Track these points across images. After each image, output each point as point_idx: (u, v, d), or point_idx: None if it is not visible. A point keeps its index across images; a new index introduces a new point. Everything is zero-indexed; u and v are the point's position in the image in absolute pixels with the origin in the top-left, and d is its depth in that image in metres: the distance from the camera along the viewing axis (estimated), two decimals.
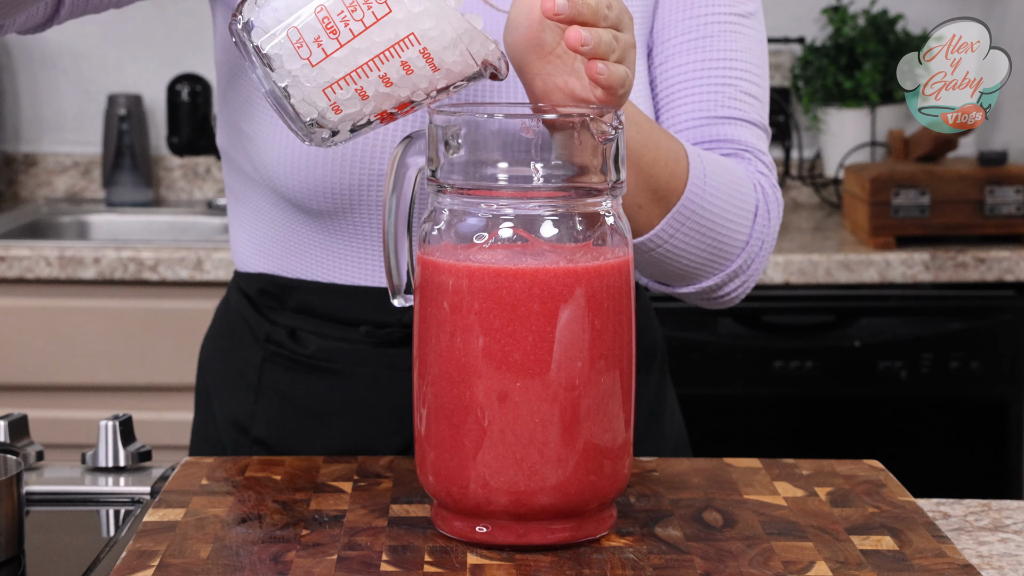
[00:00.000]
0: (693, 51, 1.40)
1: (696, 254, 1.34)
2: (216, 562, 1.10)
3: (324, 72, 1.10)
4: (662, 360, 1.56)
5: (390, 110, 1.12)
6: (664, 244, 1.31)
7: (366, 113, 1.12)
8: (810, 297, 2.73)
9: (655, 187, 1.28)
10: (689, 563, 1.09)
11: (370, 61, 1.10)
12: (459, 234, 1.10)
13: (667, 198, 1.30)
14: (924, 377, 2.71)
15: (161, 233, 3.13)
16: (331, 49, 1.10)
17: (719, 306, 1.42)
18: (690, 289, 1.38)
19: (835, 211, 3.16)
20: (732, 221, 1.34)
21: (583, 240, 1.10)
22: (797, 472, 1.30)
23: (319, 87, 1.10)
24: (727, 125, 1.39)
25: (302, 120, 1.12)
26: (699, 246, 1.33)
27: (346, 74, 1.10)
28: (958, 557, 1.11)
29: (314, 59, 1.10)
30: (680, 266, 1.34)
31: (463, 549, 1.13)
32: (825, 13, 3.22)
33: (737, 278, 1.38)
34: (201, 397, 1.52)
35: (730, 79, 1.40)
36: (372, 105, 1.12)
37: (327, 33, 1.09)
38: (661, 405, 1.53)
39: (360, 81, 1.10)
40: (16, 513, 1.18)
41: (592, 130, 1.09)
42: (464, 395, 1.10)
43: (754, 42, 1.42)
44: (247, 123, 1.40)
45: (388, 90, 1.11)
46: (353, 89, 1.11)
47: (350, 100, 1.11)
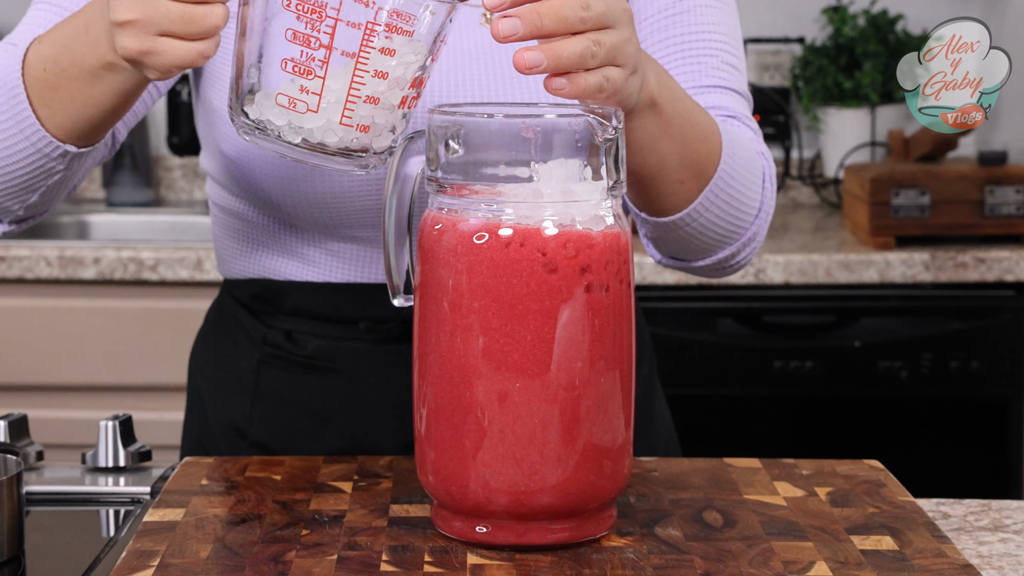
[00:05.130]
0: (671, 26, 1.39)
1: (722, 226, 1.34)
2: (216, 562, 1.10)
3: (329, 109, 1.11)
4: (650, 358, 1.56)
5: (406, 92, 1.12)
6: (698, 219, 1.31)
7: (390, 111, 1.12)
8: (810, 297, 2.73)
9: (696, 162, 1.28)
10: (689, 563, 1.09)
11: (355, 72, 1.10)
12: (459, 234, 1.10)
13: (705, 172, 1.30)
14: (924, 377, 2.71)
15: (161, 233, 3.13)
16: (317, 87, 1.10)
17: (726, 275, 1.43)
18: (707, 261, 1.39)
19: (835, 211, 3.16)
20: (750, 190, 1.35)
21: (583, 240, 1.09)
22: (797, 472, 1.30)
23: (336, 124, 1.11)
24: (714, 93, 1.39)
25: (352, 157, 1.12)
26: (725, 218, 1.33)
27: (346, 97, 1.11)
28: (958, 557, 1.11)
29: (312, 105, 1.10)
30: (706, 239, 1.35)
31: (463, 549, 1.13)
32: (825, 13, 3.22)
33: (749, 245, 1.39)
34: (193, 401, 1.52)
35: (710, 51, 1.40)
36: (388, 102, 1.12)
37: (304, 78, 1.10)
38: (650, 404, 1.52)
39: (362, 92, 1.10)
40: (16, 513, 1.18)
41: (592, 130, 1.09)
42: (464, 395, 1.10)
43: (728, 16, 1.43)
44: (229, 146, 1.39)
45: (389, 81, 1.11)
46: (362, 103, 1.11)
47: (368, 113, 1.11)
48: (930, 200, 2.77)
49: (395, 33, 1.10)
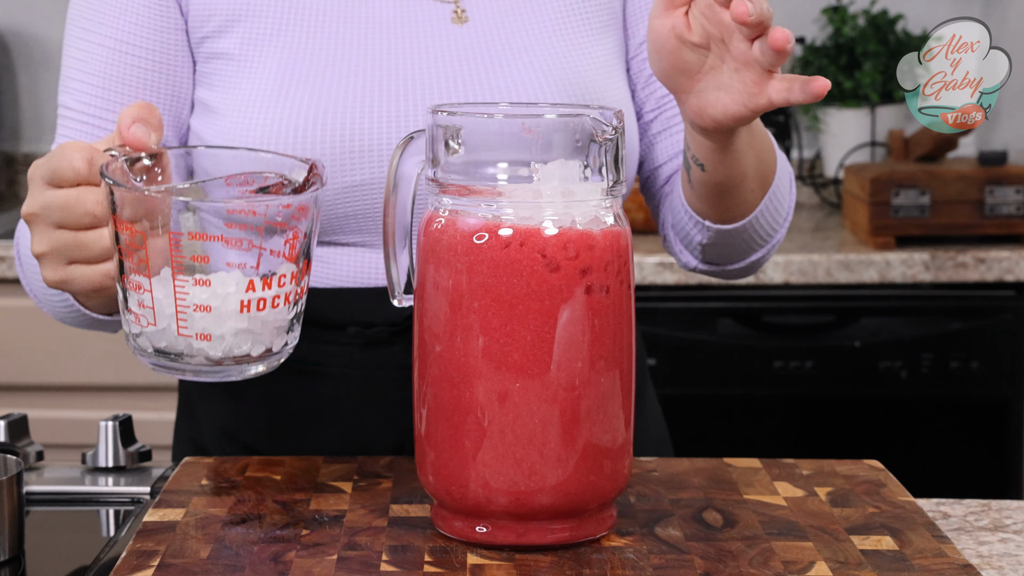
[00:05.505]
0: None
1: (767, 229, 1.38)
2: (216, 562, 1.10)
3: (166, 323, 1.10)
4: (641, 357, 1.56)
5: (250, 299, 1.10)
6: (755, 224, 1.37)
7: (228, 317, 1.09)
8: (810, 297, 2.73)
9: (765, 170, 1.33)
10: (689, 563, 1.09)
11: (174, 287, 1.09)
12: (459, 234, 1.10)
13: (768, 179, 1.35)
14: (924, 377, 2.71)
15: None
16: (147, 303, 1.09)
17: (750, 275, 1.47)
18: (742, 264, 1.43)
19: (835, 211, 3.16)
20: (788, 193, 1.40)
21: (583, 240, 1.09)
22: (797, 472, 1.30)
23: (175, 338, 1.09)
24: None
25: (206, 367, 1.10)
26: (771, 221, 1.38)
27: (174, 309, 1.09)
28: (958, 557, 1.11)
29: (160, 324, 1.10)
30: (753, 242, 1.39)
31: (463, 549, 1.13)
32: (825, 13, 3.22)
33: (775, 246, 1.43)
34: (184, 404, 1.52)
35: None
36: (222, 310, 1.09)
37: (137, 307, 1.10)
38: (641, 404, 1.53)
39: (188, 301, 1.09)
40: (16, 513, 1.18)
41: (593, 130, 1.09)
42: (464, 395, 1.10)
43: None
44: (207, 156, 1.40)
45: (209, 291, 1.09)
46: (191, 312, 1.09)
47: (200, 322, 1.09)
48: (930, 200, 2.77)
49: (193, 239, 1.08)
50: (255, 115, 1.35)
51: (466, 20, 1.39)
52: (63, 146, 1.14)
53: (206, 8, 1.38)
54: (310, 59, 1.36)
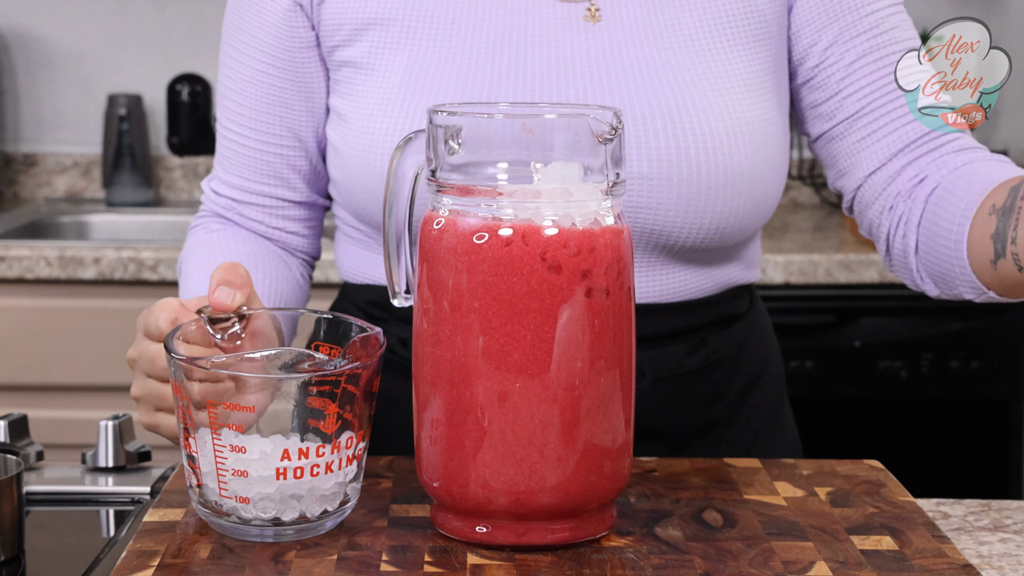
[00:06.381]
0: (875, 49, 1.40)
1: None
2: (216, 562, 1.10)
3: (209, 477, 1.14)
4: (778, 375, 1.55)
5: (285, 467, 1.13)
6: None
7: (260, 483, 1.12)
8: (810, 297, 2.73)
9: None
10: (689, 563, 1.10)
11: (214, 450, 1.12)
12: (459, 233, 1.10)
13: None
14: (924, 377, 2.71)
15: (161, 233, 3.13)
16: (196, 462, 1.13)
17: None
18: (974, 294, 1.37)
19: (835, 211, 3.16)
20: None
21: (583, 240, 1.09)
22: (797, 472, 1.30)
23: (219, 498, 1.13)
24: (943, 137, 1.40)
25: (241, 526, 1.14)
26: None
27: (214, 469, 1.13)
28: (958, 557, 1.11)
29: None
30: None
31: (463, 549, 1.13)
32: None
33: None
34: None
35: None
36: (253, 475, 1.12)
37: (188, 464, 1.14)
38: (779, 419, 1.52)
39: (227, 465, 1.12)
40: (16, 513, 1.18)
41: (592, 131, 1.09)
42: (464, 395, 1.10)
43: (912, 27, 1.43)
44: (336, 172, 1.43)
45: (244, 458, 1.12)
46: (229, 476, 1.12)
47: (234, 484, 1.12)
48: None
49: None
50: (378, 121, 1.36)
51: (599, 19, 1.38)
52: (159, 303, 1.22)
53: (335, 18, 1.40)
54: (435, 65, 1.36)
